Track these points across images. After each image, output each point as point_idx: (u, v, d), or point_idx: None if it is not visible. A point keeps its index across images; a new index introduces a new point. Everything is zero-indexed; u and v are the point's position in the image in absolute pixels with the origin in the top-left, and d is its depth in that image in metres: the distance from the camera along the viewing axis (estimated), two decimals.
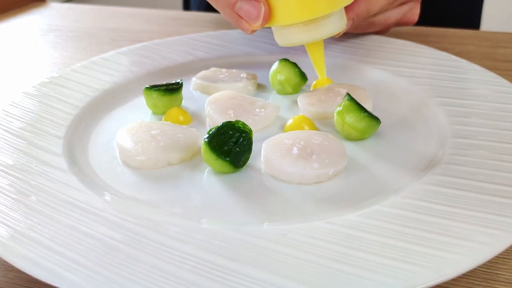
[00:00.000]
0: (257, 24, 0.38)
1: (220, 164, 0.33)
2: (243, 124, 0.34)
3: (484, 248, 0.25)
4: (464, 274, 0.27)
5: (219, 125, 0.33)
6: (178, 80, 0.43)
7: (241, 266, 0.24)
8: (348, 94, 0.36)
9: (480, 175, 0.30)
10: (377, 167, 0.34)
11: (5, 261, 0.25)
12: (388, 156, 0.35)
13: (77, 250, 0.25)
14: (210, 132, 0.33)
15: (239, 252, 0.25)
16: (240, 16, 0.38)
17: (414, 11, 0.53)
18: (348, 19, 0.43)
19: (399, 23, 0.53)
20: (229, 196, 0.32)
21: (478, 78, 0.43)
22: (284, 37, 0.40)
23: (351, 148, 0.36)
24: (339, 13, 0.39)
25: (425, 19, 0.61)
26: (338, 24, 0.40)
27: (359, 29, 0.51)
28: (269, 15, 0.38)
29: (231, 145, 0.33)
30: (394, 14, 0.51)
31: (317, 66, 0.42)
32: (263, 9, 0.37)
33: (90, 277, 0.24)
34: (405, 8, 0.52)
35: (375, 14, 0.49)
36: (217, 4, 0.40)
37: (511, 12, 1.32)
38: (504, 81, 0.42)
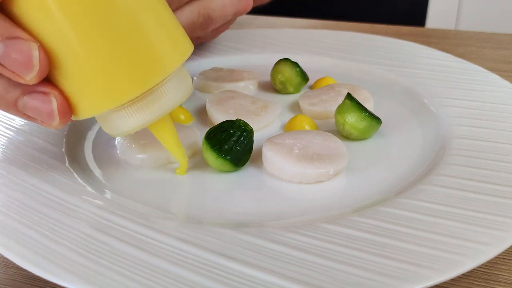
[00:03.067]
0: (55, 123, 0.28)
1: (221, 163, 0.33)
2: (244, 123, 0.34)
3: (484, 248, 0.25)
4: (464, 274, 0.27)
5: (219, 123, 0.33)
6: None
7: (241, 265, 0.24)
8: (349, 94, 0.36)
9: (480, 175, 0.31)
10: (377, 167, 0.34)
11: (5, 258, 0.26)
12: (388, 156, 0.35)
13: (77, 247, 0.25)
14: (211, 131, 0.33)
15: (239, 251, 0.25)
16: (30, 117, 0.28)
17: None
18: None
19: (237, 13, 0.44)
20: (229, 195, 0.32)
21: (479, 79, 0.43)
22: (112, 125, 0.29)
23: (351, 148, 0.36)
24: (177, 73, 0.29)
25: (367, 17, 0.60)
26: (182, 87, 0.29)
27: (197, 29, 0.43)
28: (69, 108, 0.28)
29: (231, 143, 0.33)
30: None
31: (172, 150, 0.32)
32: (54, 103, 0.27)
33: (89, 275, 0.24)
34: None
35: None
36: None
37: (455, 10, 1.31)
38: (505, 82, 0.42)
